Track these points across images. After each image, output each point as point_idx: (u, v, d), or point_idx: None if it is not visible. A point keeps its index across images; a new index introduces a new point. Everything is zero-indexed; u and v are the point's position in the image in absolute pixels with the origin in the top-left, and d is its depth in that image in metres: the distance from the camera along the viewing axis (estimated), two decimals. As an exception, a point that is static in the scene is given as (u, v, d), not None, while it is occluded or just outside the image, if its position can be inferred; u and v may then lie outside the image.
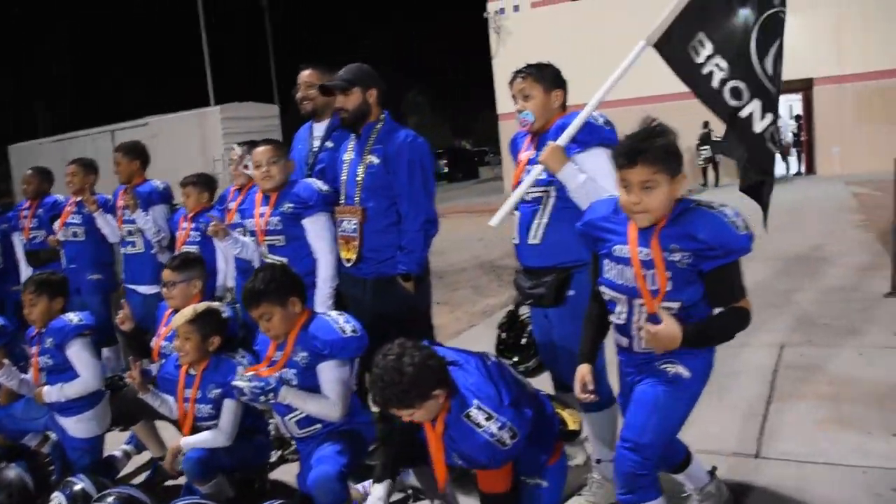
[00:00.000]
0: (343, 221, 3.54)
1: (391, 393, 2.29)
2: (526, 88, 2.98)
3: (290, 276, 3.04)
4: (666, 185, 2.23)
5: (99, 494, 3.19)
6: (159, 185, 4.95)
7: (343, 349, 2.88)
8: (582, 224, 2.51)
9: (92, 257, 5.25)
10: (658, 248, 2.26)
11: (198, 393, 3.22)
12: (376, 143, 3.47)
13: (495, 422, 2.31)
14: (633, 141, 2.26)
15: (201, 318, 3.19)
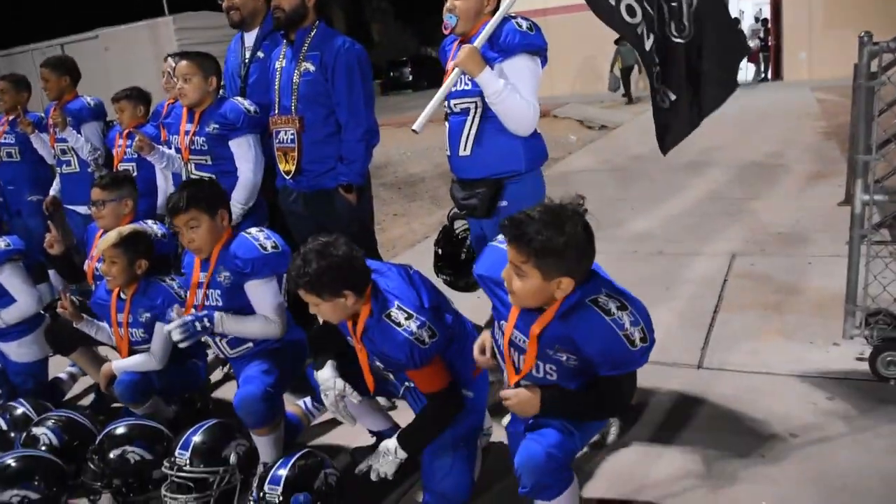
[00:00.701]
0: (279, 132, 3.40)
1: (304, 273, 2.27)
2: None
3: (220, 190, 3.00)
4: (537, 282, 1.93)
5: (38, 418, 3.16)
6: (90, 101, 4.72)
7: (265, 265, 2.81)
8: (478, 273, 2.30)
9: (30, 177, 5.07)
10: (535, 343, 2.06)
11: (129, 317, 3.16)
12: (311, 48, 3.31)
13: (415, 321, 2.31)
14: (525, 216, 1.93)
15: (127, 241, 3.09)
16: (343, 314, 2.38)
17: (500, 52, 2.76)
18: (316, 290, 2.30)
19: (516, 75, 2.76)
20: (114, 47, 18.09)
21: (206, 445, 2.69)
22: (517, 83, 2.75)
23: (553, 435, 2.12)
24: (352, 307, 2.36)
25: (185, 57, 3.54)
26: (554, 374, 2.11)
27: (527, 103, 2.78)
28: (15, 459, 2.82)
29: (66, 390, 3.92)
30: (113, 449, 2.84)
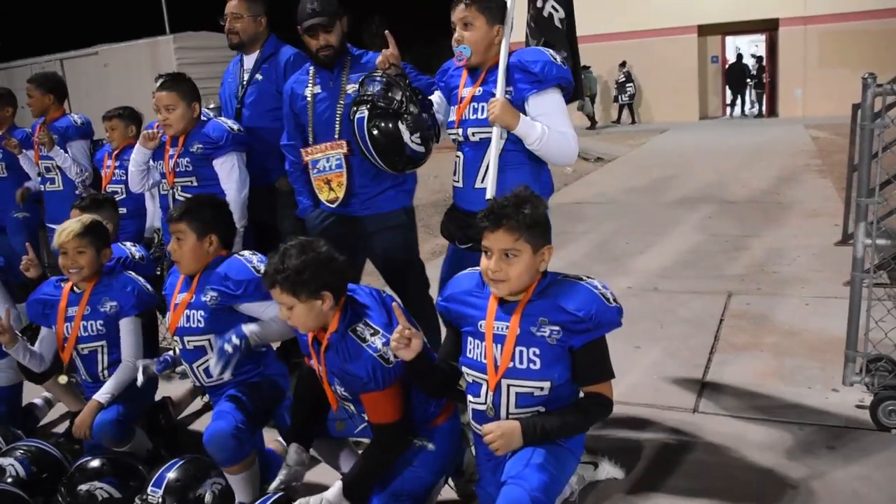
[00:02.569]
0: (318, 161, 3.24)
1: (283, 269, 2.23)
2: (469, 17, 2.76)
3: (224, 216, 2.89)
4: (528, 256, 2.12)
5: (6, 448, 3.04)
6: (77, 119, 4.64)
7: (258, 288, 2.70)
8: (444, 299, 2.36)
9: (15, 195, 4.96)
10: (517, 324, 2.15)
11: (86, 309, 3.02)
12: (351, 72, 3.20)
13: (380, 337, 2.27)
14: (499, 206, 2.14)
15: (91, 229, 2.99)
16: (315, 320, 2.31)
17: (536, 84, 2.70)
18: (294, 289, 2.24)
19: (553, 107, 2.72)
20: (113, 64, 18.06)
21: (181, 483, 2.59)
22: (554, 115, 2.72)
23: (536, 478, 2.04)
24: (325, 313, 2.30)
25: (164, 87, 3.41)
26: (537, 360, 2.14)
27: (567, 136, 2.74)
28: (-23, 492, 2.70)
29: (41, 416, 3.78)
30: (82, 483, 2.73)
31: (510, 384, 2.18)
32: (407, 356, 2.17)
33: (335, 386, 2.41)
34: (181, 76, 3.53)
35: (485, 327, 2.21)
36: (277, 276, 2.25)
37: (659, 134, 15.81)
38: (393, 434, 2.34)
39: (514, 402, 2.19)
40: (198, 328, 2.78)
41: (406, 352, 2.16)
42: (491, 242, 2.14)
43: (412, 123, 2.87)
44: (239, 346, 2.60)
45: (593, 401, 2.19)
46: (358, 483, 2.34)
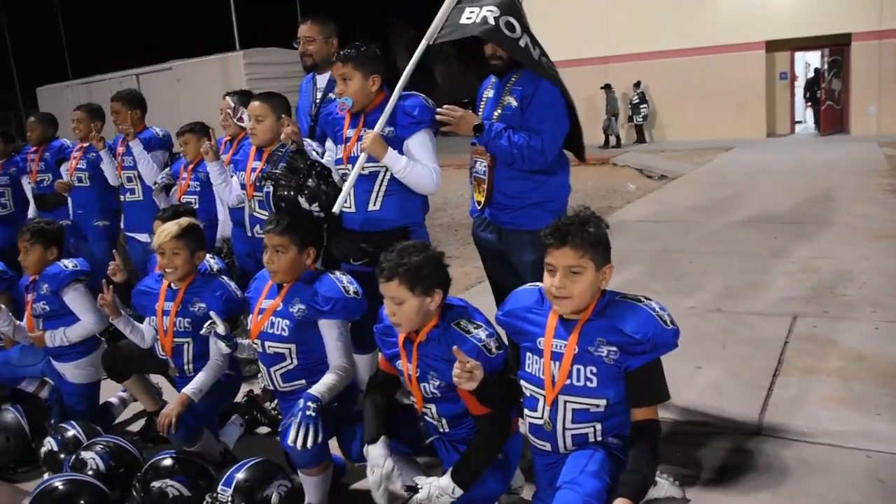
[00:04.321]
0: (476, 162, 3.35)
1: (404, 263, 2.37)
2: (346, 73, 3.17)
3: (318, 229, 3.05)
4: (591, 274, 2.18)
5: (87, 442, 3.20)
6: (158, 132, 4.88)
7: (343, 308, 2.83)
8: (504, 314, 2.43)
9: (99, 204, 5.24)
10: (575, 342, 2.20)
11: (179, 307, 3.20)
12: (516, 83, 3.24)
13: (483, 330, 2.39)
14: (564, 224, 2.21)
15: (188, 232, 3.17)
16: (420, 317, 2.42)
17: (414, 125, 3.19)
18: (411, 282, 2.36)
19: (423, 144, 3.21)
20: (186, 79, 18.74)
21: (249, 484, 2.69)
22: (425, 150, 3.21)
23: (591, 484, 2.09)
24: (430, 312, 2.41)
25: (258, 97, 3.62)
26: (594, 378, 2.19)
27: (430, 169, 3.20)
28: (63, 482, 2.85)
29: (116, 415, 3.97)
30: (155, 480, 2.86)
31: (567, 400, 2.23)
32: (470, 387, 2.25)
33: (426, 384, 2.48)
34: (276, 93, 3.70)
35: (543, 344, 2.26)
36: (399, 269, 2.36)
37: (724, 152, 15.53)
38: (496, 420, 2.39)
39: (571, 418, 2.23)
40: (281, 336, 2.88)
41: (470, 383, 2.24)
42: (556, 260, 2.18)
43: (310, 196, 3.30)
44: (318, 409, 2.64)
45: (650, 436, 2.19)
46: (467, 467, 2.37)
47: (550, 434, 2.27)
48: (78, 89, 23.12)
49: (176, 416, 2.96)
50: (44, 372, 3.84)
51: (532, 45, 3.18)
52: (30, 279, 3.74)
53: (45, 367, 3.79)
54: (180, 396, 3.05)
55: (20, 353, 3.85)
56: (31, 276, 3.71)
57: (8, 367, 3.87)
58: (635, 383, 2.18)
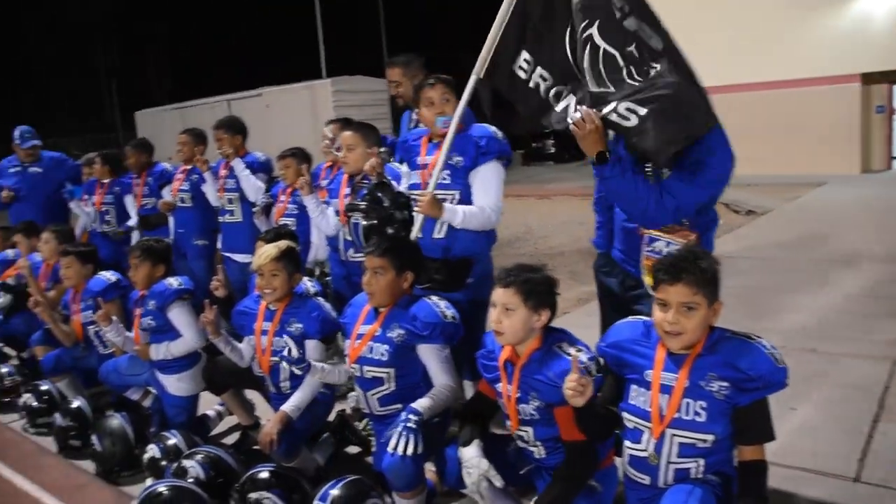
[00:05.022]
0: (656, 241, 2.83)
1: (525, 275, 2.47)
2: (448, 94, 3.29)
3: (417, 254, 3.13)
4: (704, 310, 2.20)
5: (189, 451, 3.35)
6: (260, 157, 5.10)
7: (442, 333, 2.90)
8: (607, 345, 2.44)
9: (199, 224, 5.49)
10: (685, 377, 2.22)
11: (277, 326, 3.32)
12: None
13: (584, 353, 2.46)
14: (678, 259, 2.23)
15: (286, 255, 3.30)
16: (523, 332, 2.48)
17: (482, 156, 3.23)
18: (527, 294, 2.45)
19: (489, 177, 3.27)
20: (275, 105, 19.41)
21: (344, 500, 2.78)
22: (487, 184, 3.26)
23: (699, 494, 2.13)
24: (533, 330, 2.48)
25: (349, 127, 3.78)
26: (703, 413, 2.19)
27: (485, 210, 3.26)
28: (167, 488, 3.01)
29: (212, 427, 4.14)
30: (253, 492, 2.97)
31: (674, 434, 2.24)
32: (579, 403, 2.28)
33: (525, 405, 2.53)
34: (368, 123, 3.86)
35: (651, 376, 2.27)
36: (518, 279, 2.46)
37: (816, 187, 15.03)
38: (585, 451, 2.43)
39: (677, 452, 2.24)
40: (380, 361, 2.97)
41: (580, 399, 2.27)
42: (669, 296, 2.20)
43: (398, 227, 3.35)
44: (419, 422, 2.72)
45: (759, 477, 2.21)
46: (551, 496, 2.42)
47: (654, 467, 2.28)
48: (173, 114, 24.21)
49: (277, 433, 3.06)
50: (148, 382, 4.04)
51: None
52: (139, 294, 3.95)
53: (150, 378, 3.99)
54: (279, 414, 3.15)
55: (128, 363, 4.07)
56: (140, 291, 3.93)
57: (117, 375, 4.10)
58: (744, 420, 2.19)
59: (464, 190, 3.30)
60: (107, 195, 6.11)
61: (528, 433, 2.58)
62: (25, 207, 6.33)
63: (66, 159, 6.77)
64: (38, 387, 4.48)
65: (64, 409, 4.10)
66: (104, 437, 3.72)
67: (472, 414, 2.75)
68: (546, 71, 3.01)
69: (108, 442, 3.71)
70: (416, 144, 3.44)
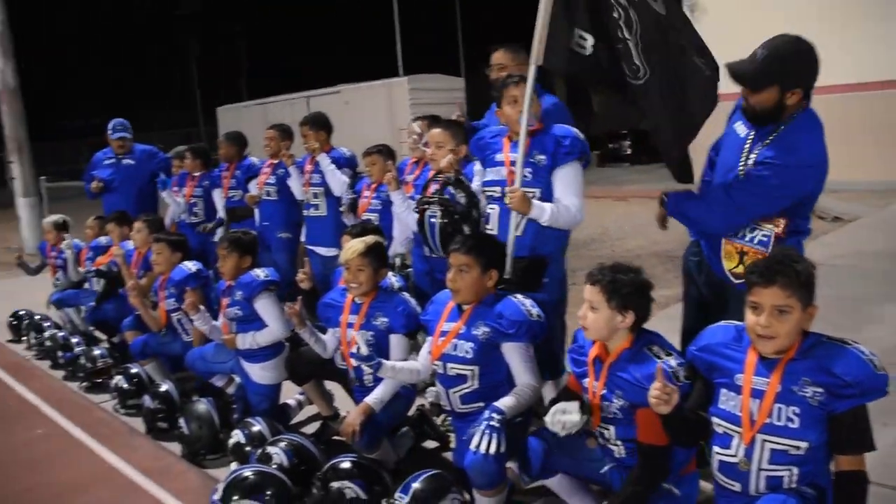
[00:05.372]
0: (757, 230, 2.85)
1: (612, 275, 2.48)
2: (519, 95, 3.23)
3: (501, 253, 3.13)
4: (798, 314, 2.15)
5: (273, 438, 3.44)
6: (346, 152, 5.20)
7: (528, 331, 2.90)
8: (697, 349, 2.40)
9: (284, 217, 5.64)
10: (777, 381, 2.17)
11: (362, 320, 3.36)
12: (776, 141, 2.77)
13: (674, 358, 2.44)
14: (773, 261, 2.19)
15: (373, 250, 3.35)
16: (607, 331, 2.49)
17: (565, 155, 3.24)
18: (609, 294, 2.45)
19: (572, 177, 3.27)
20: (353, 102, 19.74)
21: (425, 494, 2.80)
22: (571, 184, 3.26)
23: None
24: (618, 330, 2.48)
25: (438, 124, 3.81)
26: (796, 419, 2.14)
27: (571, 209, 3.26)
28: (252, 472, 3.09)
29: (292, 416, 4.24)
30: (335, 481, 3.03)
31: (765, 440, 2.18)
32: (664, 411, 2.26)
33: (609, 402, 2.52)
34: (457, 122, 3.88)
35: (742, 381, 2.23)
36: (604, 278, 2.47)
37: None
38: (660, 456, 2.41)
39: (768, 458, 2.19)
40: (464, 358, 2.98)
41: (664, 407, 2.25)
42: (763, 298, 2.15)
43: (473, 225, 3.43)
44: (503, 421, 2.73)
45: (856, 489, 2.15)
46: (621, 499, 2.42)
47: (744, 474, 2.22)
48: (253, 109, 24.83)
49: (360, 424, 3.11)
50: (233, 370, 4.17)
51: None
52: (226, 285, 4.08)
53: (235, 366, 4.12)
54: (363, 405, 3.21)
55: (214, 350, 4.22)
56: (227, 282, 4.05)
57: (203, 362, 4.25)
58: (840, 428, 2.12)
59: (545, 188, 3.29)
60: (196, 188, 6.33)
61: (609, 431, 2.57)
62: (118, 198, 6.62)
63: (157, 152, 7.04)
64: (129, 369, 4.69)
65: (153, 392, 4.28)
66: (191, 420, 3.86)
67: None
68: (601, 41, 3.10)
69: (195, 425, 3.85)
70: (493, 142, 3.44)
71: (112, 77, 39.45)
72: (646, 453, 2.43)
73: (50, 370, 5.66)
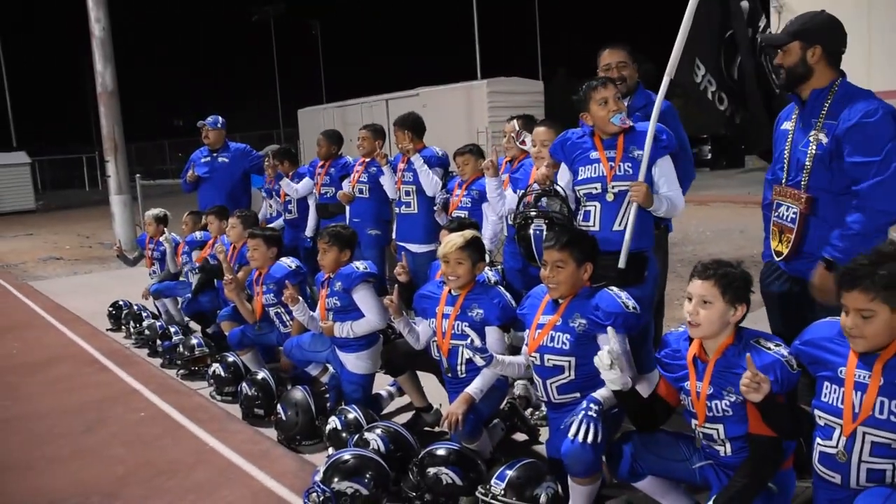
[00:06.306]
0: (781, 206, 3.10)
1: (723, 267, 2.50)
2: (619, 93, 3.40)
3: (594, 247, 3.15)
4: (885, 316, 2.14)
5: (369, 425, 3.56)
6: (438, 152, 5.30)
7: (624, 323, 2.92)
8: (802, 343, 2.41)
9: (374, 214, 5.77)
10: (879, 374, 2.17)
11: (458, 311, 3.45)
12: (828, 116, 2.91)
13: (783, 348, 2.43)
14: (857, 265, 2.19)
15: (472, 244, 3.43)
16: (718, 326, 2.49)
17: (662, 150, 3.36)
18: (724, 288, 2.48)
19: (670, 169, 3.41)
20: (431, 104, 19.94)
21: (521, 481, 2.87)
22: (670, 176, 3.41)
23: None
24: (728, 325, 2.49)
25: (544, 123, 3.91)
26: None
27: (676, 199, 3.41)
28: (352, 456, 3.21)
29: (384, 406, 4.36)
30: (431, 467, 3.12)
31: (867, 432, 2.18)
32: (756, 398, 2.28)
33: (719, 401, 2.52)
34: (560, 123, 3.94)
35: (845, 374, 2.24)
36: (717, 271, 2.49)
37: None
38: (771, 447, 2.41)
39: (869, 451, 2.19)
40: (561, 349, 3.04)
41: (755, 395, 2.28)
42: (848, 301, 2.19)
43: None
44: (600, 412, 2.78)
45: None
46: (731, 493, 2.41)
47: (844, 466, 2.23)
48: (332, 111, 25.38)
49: (462, 414, 3.20)
50: (328, 359, 4.32)
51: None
52: (325, 276, 4.22)
53: (330, 355, 4.27)
54: (464, 395, 3.29)
55: (311, 340, 4.38)
56: (327, 273, 4.20)
57: (300, 351, 4.41)
58: None
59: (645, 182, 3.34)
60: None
61: (717, 431, 2.56)
62: (213, 194, 6.90)
63: (250, 150, 7.31)
64: (226, 358, 4.89)
65: (250, 380, 4.45)
66: (289, 407, 4.01)
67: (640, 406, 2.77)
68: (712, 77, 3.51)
69: (292, 412, 3.99)
70: (582, 141, 3.49)
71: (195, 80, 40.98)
72: (757, 445, 2.43)
73: (148, 358, 5.95)
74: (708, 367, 2.53)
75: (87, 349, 6.32)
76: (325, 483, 3.09)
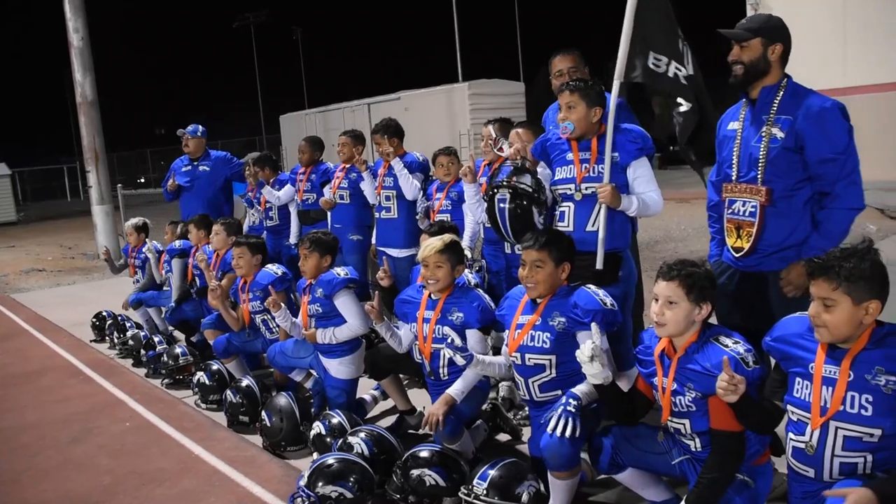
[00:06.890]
0: (734, 202, 3.10)
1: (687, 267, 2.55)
2: (572, 101, 3.45)
3: (571, 247, 3.19)
4: (847, 307, 2.18)
5: (353, 429, 3.59)
6: (419, 157, 5.32)
7: (602, 320, 2.96)
8: (772, 339, 2.45)
9: (355, 219, 5.78)
10: (847, 369, 2.21)
11: (438, 314, 3.49)
12: (780, 111, 2.97)
13: (742, 345, 2.48)
14: (829, 256, 2.24)
15: (450, 247, 3.47)
16: (684, 325, 2.55)
17: (638, 151, 3.42)
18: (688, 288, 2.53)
19: (646, 171, 3.48)
20: (412, 108, 19.95)
21: (503, 480, 2.92)
22: (647, 177, 3.47)
23: None
24: (692, 324, 2.55)
25: (522, 125, 4.04)
26: (869, 407, 2.18)
27: (653, 198, 3.47)
28: (336, 460, 3.24)
29: (369, 410, 4.39)
30: (415, 468, 3.16)
31: (839, 426, 2.23)
32: (732, 399, 2.33)
33: (682, 396, 2.58)
34: None
35: (814, 369, 2.29)
36: (681, 272, 2.55)
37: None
38: (734, 441, 2.47)
39: (842, 445, 2.23)
40: (541, 348, 3.08)
41: (732, 396, 2.32)
42: (812, 289, 2.25)
43: (542, 208, 3.51)
44: (578, 407, 2.84)
45: None
46: (706, 492, 2.47)
47: (817, 460, 2.27)
48: (315, 117, 25.29)
49: (442, 415, 3.23)
50: (311, 365, 4.35)
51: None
52: (307, 282, 4.25)
53: (314, 361, 4.30)
54: (445, 396, 3.32)
55: (294, 346, 4.40)
56: (308, 280, 4.22)
57: (283, 357, 4.44)
58: None
59: (620, 184, 3.42)
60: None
61: (684, 426, 2.62)
62: (195, 202, 6.89)
63: (231, 158, 7.31)
64: (210, 366, 4.91)
65: (235, 388, 4.47)
66: (274, 413, 4.02)
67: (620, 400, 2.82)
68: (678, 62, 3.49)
69: (277, 418, 4.01)
70: (560, 143, 3.56)
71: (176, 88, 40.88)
72: (719, 439, 2.49)
73: (132, 368, 5.94)
74: (672, 364, 2.59)
75: (71, 360, 6.31)
76: (309, 488, 3.12)
